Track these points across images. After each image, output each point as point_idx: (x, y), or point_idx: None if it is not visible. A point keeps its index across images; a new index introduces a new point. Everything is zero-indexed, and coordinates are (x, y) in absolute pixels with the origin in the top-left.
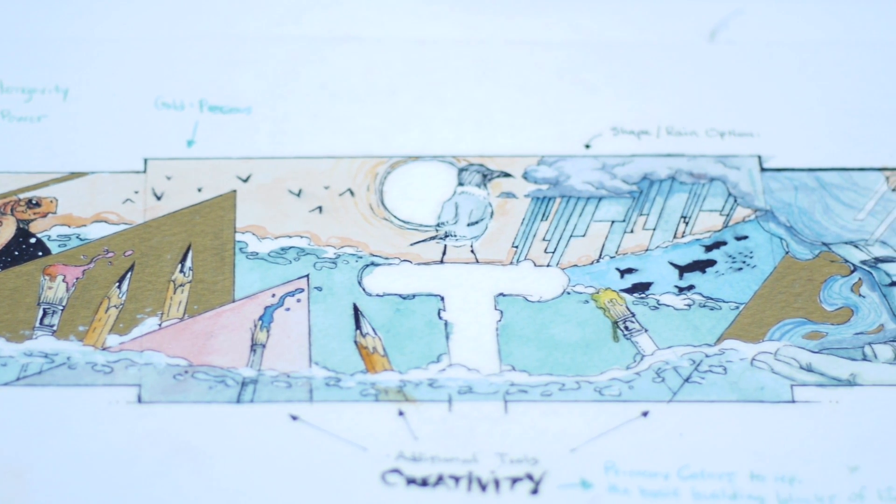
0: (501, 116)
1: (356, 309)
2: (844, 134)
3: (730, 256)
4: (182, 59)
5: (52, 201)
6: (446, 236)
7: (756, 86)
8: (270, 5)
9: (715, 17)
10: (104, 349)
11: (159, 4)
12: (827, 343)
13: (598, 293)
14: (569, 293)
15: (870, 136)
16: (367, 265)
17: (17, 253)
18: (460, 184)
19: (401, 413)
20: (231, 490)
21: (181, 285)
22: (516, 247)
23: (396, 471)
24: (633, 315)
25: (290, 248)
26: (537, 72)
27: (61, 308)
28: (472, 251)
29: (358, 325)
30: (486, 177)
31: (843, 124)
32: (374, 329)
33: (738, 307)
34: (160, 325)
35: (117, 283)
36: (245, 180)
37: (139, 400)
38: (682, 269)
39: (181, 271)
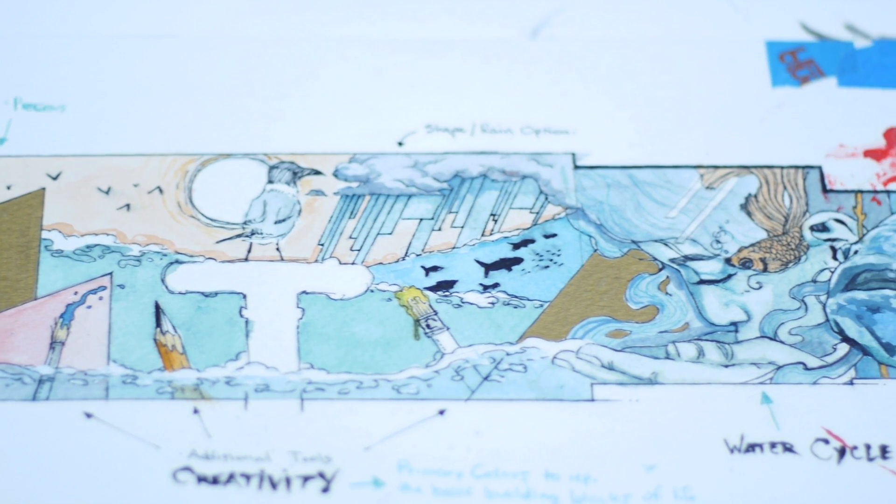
0: (315, 114)
1: (157, 307)
2: (660, 131)
3: (537, 254)
4: None
5: None
6: (252, 234)
7: (573, 83)
8: (85, 4)
9: (533, 13)
10: None
11: None
12: (630, 341)
13: (401, 291)
14: (372, 291)
15: (685, 134)
16: (172, 263)
17: None
18: (270, 181)
19: (196, 411)
20: (24, 488)
21: None
22: (322, 245)
23: (188, 469)
24: (436, 313)
25: (96, 245)
26: (352, 69)
27: None
28: (278, 249)
29: (158, 323)
30: (297, 174)
31: (659, 122)
32: (174, 327)
33: (542, 305)
34: None
35: None
36: (55, 178)
37: None
38: (488, 267)
39: None
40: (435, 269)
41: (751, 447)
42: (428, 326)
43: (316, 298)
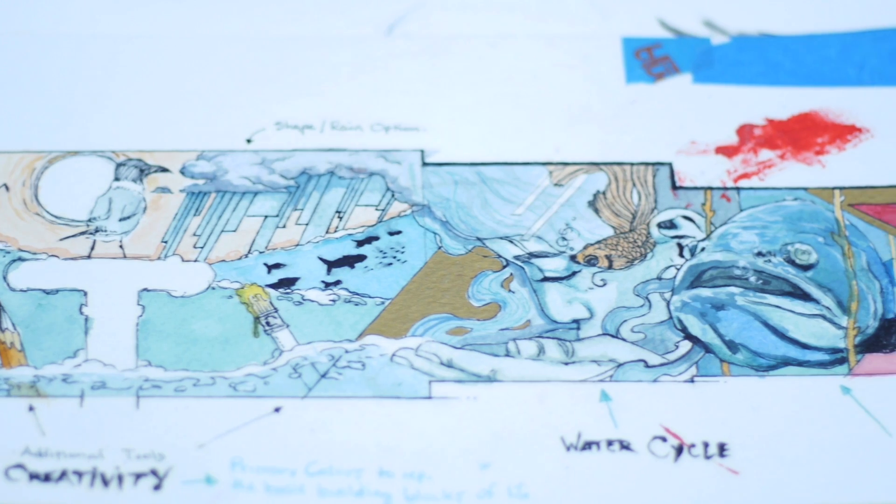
0: (163, 111)
1: None
2: (511, 128)
3: (381, 251)
4: None
5: None
6: (96, 231)
7: (425, 80)
8: None
9: (388, 11)
10: None
11: None
12: (471, 339)
13: (242, 288)
14: (214, 288)
15: (536, 131)
16: (14, 260)
17: None
18: (117, 179)
19: (31, 408)
20: None
21: None
22: (165, 242)
23: (20, 466)
24: (276, 310)
25: None
26: (201, 66)
27: None
28: (121, 246)
29: None
30: (144, 172)
31: (510, 119)
32: (13, 324)
33: (383, 303)
34: None
35: None
36: None
37: None
38: (331, 265)
39: None
40: (277, 266)
41: (587, 445)
42: (268, 324)
43: (157, 296)
